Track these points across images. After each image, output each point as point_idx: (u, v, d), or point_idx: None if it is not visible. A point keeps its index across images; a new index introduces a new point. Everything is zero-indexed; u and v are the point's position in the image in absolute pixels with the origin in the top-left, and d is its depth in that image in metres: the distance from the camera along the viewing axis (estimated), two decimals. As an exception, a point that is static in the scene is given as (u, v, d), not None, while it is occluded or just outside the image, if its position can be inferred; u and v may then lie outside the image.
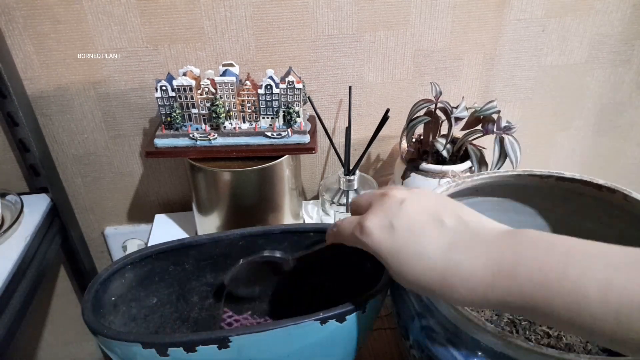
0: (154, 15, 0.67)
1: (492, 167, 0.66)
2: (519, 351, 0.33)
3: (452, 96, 0.81)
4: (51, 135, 0.75)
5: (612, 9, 0.78)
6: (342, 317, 0.39)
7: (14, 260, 0.63)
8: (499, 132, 0.65)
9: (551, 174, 0.50)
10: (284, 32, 0.71)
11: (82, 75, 0.70)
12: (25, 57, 0.68)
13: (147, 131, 0.77)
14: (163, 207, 0.85)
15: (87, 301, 0.41)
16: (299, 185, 0.73)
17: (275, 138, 0.65)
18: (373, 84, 0.78)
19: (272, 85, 0.63)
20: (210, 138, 0.65)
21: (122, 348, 0.37)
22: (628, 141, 0.94)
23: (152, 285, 0.48)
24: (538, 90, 0.84)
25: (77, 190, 0.81)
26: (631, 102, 0.89)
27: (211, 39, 0.70)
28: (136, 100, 0.74)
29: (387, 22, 0.73)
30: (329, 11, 0.70)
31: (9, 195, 0.72)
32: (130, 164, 0.80)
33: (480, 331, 0.34)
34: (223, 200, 0.66)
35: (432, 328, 0.38)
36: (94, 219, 0.85)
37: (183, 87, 0.62)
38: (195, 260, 0.50)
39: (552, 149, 0.92)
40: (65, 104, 0.72)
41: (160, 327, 0.49)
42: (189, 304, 0.51)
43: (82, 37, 0.67)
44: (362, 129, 0.81)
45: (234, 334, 0.37)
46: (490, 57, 0.79)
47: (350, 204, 0.38)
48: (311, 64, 0.74)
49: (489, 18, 0.75)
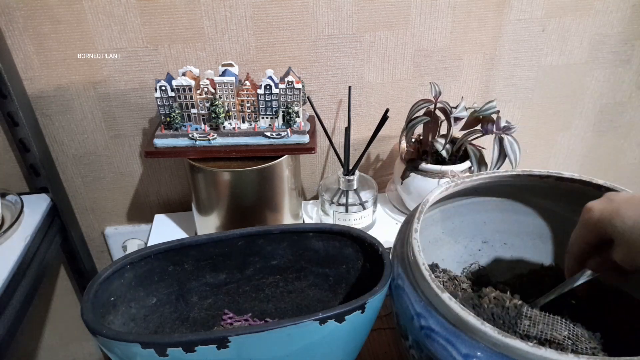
0: (154, 15, 0.67)
1: (492, 167, 0.66)
2: (518, 351, 0.33)
3: (452, 96, 0.81)
4: (51, 135, 0.75)
5: (612, 9, 0.78)
6: (342, 317, 0.39)
7: (14, 260, 0.63)
8: (498, 132, 0.65)
9: (551, 174, 0.50)
10: (284, 32, 0.71)
11: (82, 75, 0.71)
12: (25, 57, 0.68)
13: (147, 131, 0.77)
14: (163, 207, 0.85)
15: (87, 301, 0.41)
16: (298, 185, 0.73)
17: (274, 138, 0.65)
18: (373, 84, 0.78)
19: (271, 85, 0.63)
20: (210, 138, 0.65)
21: (121, 348, 0.37)
22: (628, 141, 0.94)
23: (151, 285, 0.48)
24: (538, 90, 0.84)
25: (77, 190, 0.81)
26: (631, 102, 0.89)
27: (211, 39, 0.70)
28: (136, 100, 0.74)
29: (387, 22, 0.73)
30: (329, 11, 0.70)
31: (9, 195, 0.72)
32: (130, 164, 0.80)
33: (479, 331, 0.34)
34: (223, 200, 0.67)
35: (431, 328, 0.38)
36: (94, 219, 0.85)
37: (182, 87, 0.62)
38: (195, 260, 0.50)
39: (552, 149, 0.92)
40: (65, 104, 0.72)
41: (159, 327, 0.49)
42: (189, 304, 0.51)
43: (82, 37, 0.67)
44: (362, 129, 0.81)
45: (234, 334, 0.37)
46: (490, 57, 0.79)
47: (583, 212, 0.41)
48: (311, 64, 0.75)
49: (489, 18, 0.75)
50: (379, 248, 0.47)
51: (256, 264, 0.52)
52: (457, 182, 0.50)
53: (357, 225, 0.72)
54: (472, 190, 0.53)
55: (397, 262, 0.45)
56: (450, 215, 0.56)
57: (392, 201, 0.81)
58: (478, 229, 0.56)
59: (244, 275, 0.52)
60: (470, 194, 0.54)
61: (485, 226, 0.56)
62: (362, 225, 0.73)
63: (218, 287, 0.52)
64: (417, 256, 0.41)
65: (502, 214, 0.56)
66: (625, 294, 0.49)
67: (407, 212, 0.78)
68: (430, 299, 0.39)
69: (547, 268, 0.55)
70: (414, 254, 0.41)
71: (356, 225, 0.72)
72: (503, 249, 0.57)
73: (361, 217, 0.71)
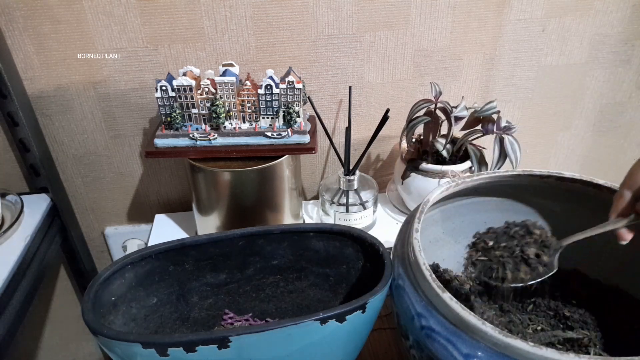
0: (154, 15, 0.67)
1: (492, 167, 0.66)
2: (519, 351, 0.33)
3: (452, 96, 0.81)
4: (51, 135, 0.75)
5: (612, 9, 0.78)
6: (342, 317, 0.39)
7: (14, 260, 0.63)
8: (498, 132, 0.65)
9: (551, 174, 0.50)
10: (284, 32, 0.71)
11: (82, 75, 0.70)
12: (25, 57, 0.68)
13: (147, 131, 0.77)
14: (163, 207, 0.85)
15: (87, 301, 0.41)
16: (298, 185, 0.73)
17: (275, 138, 0.65)
18: (373, 84, 0.78)
19: (272, 85, 0.63)
20: (210, 138, 0.65)
21: (122, 348, 0.37)
22: (628, 141, 0.94)
23: (152, 285, 0.48)
24: (538, 90, 0.84)
25: (77, 190, 0.81)
26: (631, 102, 0.89)
27: (211, 39, 0.70)
28: (136, 100, 0.74)
29: (387, 22, 0.73)
30: (329, 11, 0.70)
31: (9, 195, 0.72)
32: (130, 164, 0.80)
33: (480, 331, 0.34)
34: (223, 200, 0.67)
35: (432, 328, 0.38)
36: (94, 219, 0.85)
37: (183, 87, 0.62)
38: (195, 260, 0.50)
39: (552, 149, 0.92)
40: (65, 104, 0.72)
41: (160, 327, 0.49)
42: (189, 304, 0.51)
43: (82, 37, 0.67)
44: (362, 129, 0.81)
45: (234, 334, 0.37)
46: (490, 57, 0.79)
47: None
48: (311, 64, 0.75)
49: (489, 18, 0.75)
50: (380, 248, 0.47)
51: (256, 264, 0.52)
52: (458, 182, 0.50)
53: (357, 225, 0.72)
54: (472, 190, 0.54)
55: (398, 262, 0.45)
56: (450, 215, 0.56)
57: (392, 201, 0.81)
58: (478, 229, 0.56)
59: (244, 275, 0.52)
60: (470, 194, 0.55)
61: (485, 226, 0.56)
62: (363, 225, 0.73)
63: (218, 287, 0.52)
64: (418, 256, 0.41)
65: (502, 214, 0.56)
66: (625, 294, 0.50)
67: (408, 212, 0.78)
68: (431, 299, 0.39)
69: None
70: (414, 253, 0.41)
71: (357, 225, 0.72)
72: (503, 249, 0.57)
73: (362, 217, 0.71)
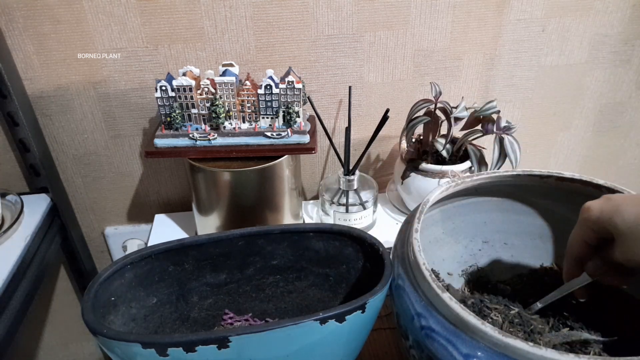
0: (154, 15, 0.67)
1: (492, 167, 0.66)
2: (519, 351, 0.33)
3: (452, 96, 0.81)
4: (51, 135, 0.75)
5: (612, 9, 0.78)
6: (342, 317, 0.39)
7: (14, 260, 0.63)
8: (498, 132, 0.65)
9: (551, 174, 0.50)
10: (284, 32, 0.71)
11: (82, 75, 0.70)
12: (25, 57, 0.68)
13: (147, 131, 0.77)
14: (163, 207, 0.85)
15: (87, 301, 0.41)
16: (298, 185, 0.73)
17: (275, 138, 0.65)
18: (373, 84, 0.78)
19: (271, 85, 0.63)
20: (210, 138, 0.65)
21: (122, 348, 0.37)
22: (628, 141, 0.94)
23: (152, 285, 0.48)
24: (538, 90, 0.84)
25: (77, 190, 0.81)
26: (631, 102, 0.89)
27: (211, 39, 0.70)
28: (136, 100, 0.74)
29: (387, 22, 0.73)
30: (329, 11, 0.70)
31: (9, 195, 0.72)
32: (130, 164, 0.80)
33: (480, 331, 0.34)
34: (223, 200, 0.67)
35: (432, 328, 0.38)
36: (94, 219, 0.85)
37: (183, 87, 0.62)
38: (195, 260, 0.50)
39: (552, 149, 0.92)
40: (65, 104, 0.72)
41: (160, 327, 0.49)
42: (189, 304, 0.51)
43: (82, 37, 0.67)
44: (362, 129, 0.81)
45: (234, 334, 0.37)
46: (490, 57, 0.79)
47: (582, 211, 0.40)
48: (311, 64, 0.75)
49: (489, 18, 0.75)
50: (380, 248, 0.47)
51: (256, 264, 0.52)
52: (458, 182, 0.50)
53: (357, 225, 0.72)
54: (472, 190, 0.53)
55: (398, 262, 0.45)
56: (450, 215, 0.56)
57: (392, 201, 0.81)
58: (478, 229, 0.56)
59: (244, 275, 0.52)
60: (470, 194, 0.54)
61: (485, 226, 0.57)
62: (363, 225, 0.73)
63: (218, 287, 0.52)
64: (418, 256, 0.41)
65: (502, 214, 0.56)
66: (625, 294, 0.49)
67: (408, 212, 0.78)
68: (431, 299, 0.39)
69: (547, 268, 0.55)
70: (414, 254, 0.41)
71: (356, 225, 0.72)
72: (503, 249, 0.57)
73: (361, 217, 0.71)
